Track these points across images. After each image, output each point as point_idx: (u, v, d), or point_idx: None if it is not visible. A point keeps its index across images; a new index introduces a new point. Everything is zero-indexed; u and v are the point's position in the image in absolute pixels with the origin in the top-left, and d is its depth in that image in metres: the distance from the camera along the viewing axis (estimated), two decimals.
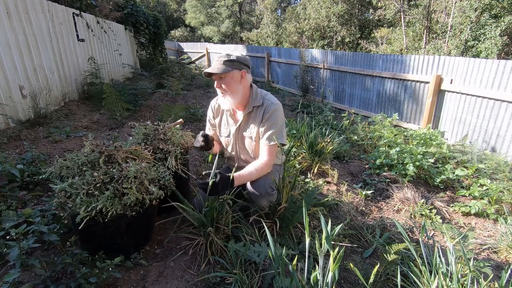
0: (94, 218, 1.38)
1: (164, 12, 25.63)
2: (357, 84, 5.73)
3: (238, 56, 1.68)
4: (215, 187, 1.49)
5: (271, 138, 1.69)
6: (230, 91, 1.66)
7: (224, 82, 1.65)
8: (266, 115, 1.71)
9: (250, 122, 1.77)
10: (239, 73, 1.67)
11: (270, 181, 1.76)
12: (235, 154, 1.93)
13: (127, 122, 4.21)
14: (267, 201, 1.75)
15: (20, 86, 3.68)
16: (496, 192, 2.50)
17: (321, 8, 15.41)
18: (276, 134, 1.70)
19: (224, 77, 1.65)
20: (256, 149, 1.82)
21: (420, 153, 3.10)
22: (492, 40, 8.72)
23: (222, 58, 1.65)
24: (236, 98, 1.69)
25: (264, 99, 1.75)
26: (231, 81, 1.66)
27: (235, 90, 1.67)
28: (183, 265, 1.63)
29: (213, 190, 1.49)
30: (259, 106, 1.74)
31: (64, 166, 1.56)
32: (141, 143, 1.91)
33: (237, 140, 1.87)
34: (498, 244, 2.04)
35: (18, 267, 1.27)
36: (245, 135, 1.81)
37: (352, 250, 1.93)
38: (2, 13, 3.43)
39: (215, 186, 1.48)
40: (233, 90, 1.66)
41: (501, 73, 3.29)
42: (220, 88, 1.67)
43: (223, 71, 1.61)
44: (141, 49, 9.61)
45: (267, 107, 1.72)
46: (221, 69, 1.61)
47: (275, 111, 1.71)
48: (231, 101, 1.69)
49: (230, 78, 1.65)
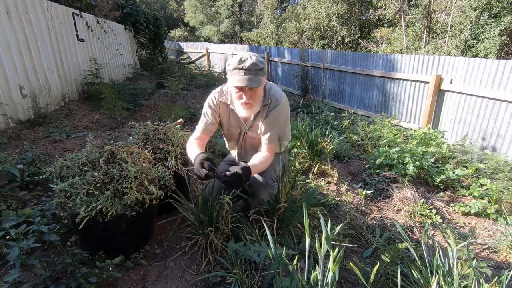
0: (94, 218, 1.38)
1: (163, 12, 25.63)
2: (357, 84, 5.73)
3: (260, 60, 1.49)
4: (239, 179, 1.40)
5: (271, 139, 1.65)
6: (256, 102, 1.53)
7: (255, 93, 1.50)
8: (270, 113, 1.62)
9: (258, 121, 1.68)
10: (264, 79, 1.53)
11: (272, 173, 1.74)
12: (241, 149, 1.88)
13: (127, 122, 4.21)
14: (267, 193, 1.73)
15: (20, 86, 3.68)
16: (496, 192, 2.50)
17: (321, 8, 15.41)
18: (278, 133, 1.65)
19: (256, 89, 1.49)
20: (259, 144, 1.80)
21: (420, 153, 3.10)
22: (491, 40, 8.72)
23: (253, 67, 1.43)
24: (259, 107, 1.58)
25: (270, 96, 1.63)
26: (260, 91, 1.53)
27: (260, 99, 1.56)
28: (183, 265, 1.63)
29: (238, 182, 1.42)
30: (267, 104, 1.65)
31: (64, 166, 1.56)
32: (141, 143, 1.91)
33: (245, 139, 1.80)
34: (498, 244, 2.04)
35: (18, 267, 1.26)
36: (250, 134, 1.76)
37: (352, 250, 1.93)
38: (2, 13, 3.42)
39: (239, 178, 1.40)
40: (258, 100, 1.54)
41: (501, 73, 3.29)
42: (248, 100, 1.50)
43: (258, 85, 1.43)
44: (141, 49, 9.60)
45: (271, 103, 1.62)
46: (258, 81, 1.43)
47: (278, 109, 1.61)
48: (254, 110, 1.58)
49: (260, 88, 1.52)
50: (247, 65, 1.42)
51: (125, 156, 1.60)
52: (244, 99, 1.49)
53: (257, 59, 1.45)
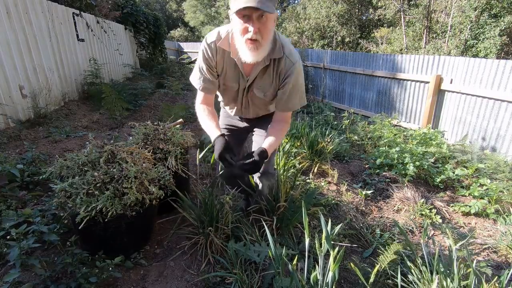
0: (94, 218, 1.38)
1: (163, 12, 25.63)
2: (357, 84, 5.73)
3: None
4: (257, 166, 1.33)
5: (293, 107, 1.46)
6: (266, 40, 1.22)
7: (265, 26, 1.18)
8: (287, 78, 1.38)
9: (266, 79, 1.41)
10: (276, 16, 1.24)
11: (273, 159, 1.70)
12: (241, 106, 1.62)
13: (127, 122, 4.21)
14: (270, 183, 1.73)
15: (20, 86, 3.68)
16: (496, 192, 2.50)
17: (321, 8, 15.41)
18: (298, 99, 1.46)
19: (266, 20, 1.17)
20: (268, 106, 1.60)
21: (420, 153, 3.10)
22: (491, 39, 8.72)
23: None
24: (267, 49, 1.28)
25: (284, 53, 1.35)
26: (271, 26, 1.21)
27: (269, 40, 1.25)
28: (183, 265, 1.63)
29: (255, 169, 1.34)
30: (278, 59, 1.36)
31: (64, 166, 1.56)
32: (141, 143, 1.91)
33: (245, 96, 1.53)
34: (498, 244, 2.04)
35: (18, 267, 1.26)
36: (257, 93, 1.48)
37: (352, 250, 1.93)
38: (2, 13, 3.42)
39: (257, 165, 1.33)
40: (269, 38, 1.23)
41: (501, 73, 3.29)
42: (256, 35, 1.17)
43: (270, 10, 1.12)
44: (141, 49, 9.61)
45: (287, 66, 1.36)
46: (271, 7, 1.13)
47: (295, 72, 1.37)
48: (261, 54, 1.25)
49: (271, 22, 1.21)
50: None
51: (125, 156, 1.60)
52: (250, 32, 1.16)
53: None
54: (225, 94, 1.59)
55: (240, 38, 1.22)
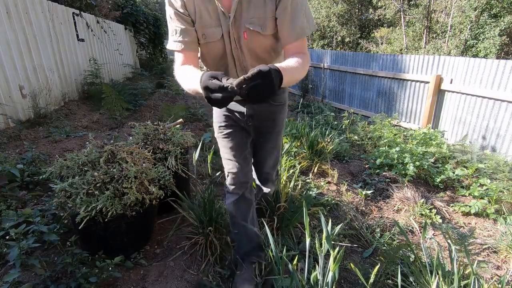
0: (94, 218, 1.38)
1: (163, 12, 25.61)
2: (357, 84, 5.73)
3: None
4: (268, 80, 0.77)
5: (302, 27, 1.03)
6: None
7: None
8: None
9: (254, 4, 1.03)
10: None
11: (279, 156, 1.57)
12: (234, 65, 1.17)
13: (127, 122, 4.21)
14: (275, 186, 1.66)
15: (20, 86, 3.67)
16: (496, 192, 2.50)
17: (321, 8, 15.41)
18: (305, 17, 1.04)
19: None
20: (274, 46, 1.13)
21: (420, 153, 3.10)
22: (491, 39, 8.73)
23: None
24: None
25: None
26: None
27: None
28: (183, 265, 1.63)
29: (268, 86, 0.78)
30: None
31: (64, 166, 1.56)
32: (141, 143, 1.91)
33: (236, 44, 1.09)
34: (498, 244, 2.04)
35: (18, 267, 1.26)
36: (252, 28, 1.05)
37: (352, 250, 1.93)
38: (2, 13, 3.42)
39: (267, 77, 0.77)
40: None
41: (501, 73, 3.29)
42: None
43: None
44: (141, 49, 9.62)
45: None
46: None
47: None
48: None
49: None
50: None
51: (125, 156, 1.60)
52: None
53: None
54: (209, 53, 1.16)
55: None
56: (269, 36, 1.08)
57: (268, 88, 0.77)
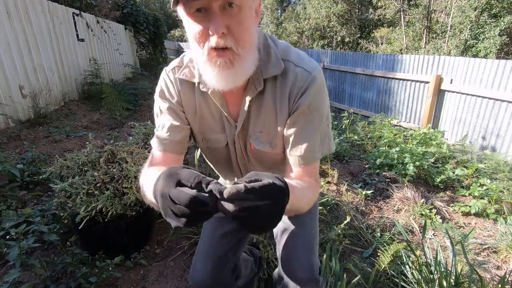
0: (94, 218, 1.38)
1: (163, 12, 25.65)
2: (357, 84, 5.73)
3: None
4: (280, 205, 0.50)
5: (313, 153, 0.81)
6: (245, 43, 0.66)
7: (238, 20, 0.63)
8: (302, 95, 0.78)
9: (266, 112, 0.81)
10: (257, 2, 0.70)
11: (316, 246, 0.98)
12: (242, 173, 0.96)
13: (127, 122, 4.21)
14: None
15: (20, 86, 3.68)
16: (496, 192, 2.50)
17: (321, 8, 15.41)
18: (318, 137, 0.82)
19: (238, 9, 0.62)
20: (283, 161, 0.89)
21: (420, 153, 3.10)
22: (491, 39, 8.73)
23: None
24: (253, 62, 0.71)
25: (287, 62, 0.77)
26: (249, 19, 0.66)
27: (253, 42, 0.70)
28: (183, 265, 1.63)
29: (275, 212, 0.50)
30: (281, 75, 0.78)
31: (64, 166, 1.56)
32: (141, 143, 1.91)
33: (243, 154, 0.91)
34: (498, 244, 2.04)
35: (18, 267, 1.26)
36: (257, 145, 0.85)
37: (352, 250, 1.93)
38: (2, 13, 3.42)
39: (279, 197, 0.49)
40: (250, 41, 0.68)
41: (501, 73, 3.29)
42: (224, 39, 0.62)
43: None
44: (141, 49, 9.61)
45: (300, 77, 0.77)
46: None
47: (316, 87, 0.79)
48: (243, 70, 0.69)
49: (249, 12, 0.66)
50: None
51: (125, 156, 1.60)
52: (213, 37, 0.62)
53: None
54: (211, 157, 0.99)
55: (198, 51, 0.67)
56: (280, 153, 0.87)
57: (275, 216, 0.50)
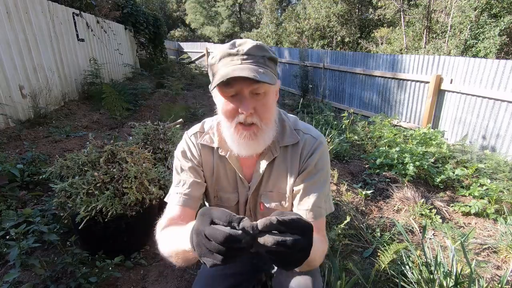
0: (94, 218, 1.38)
1: (163, 12, 25.67)
2: (357, 84, 5.73)
3: (267, 47, 0.80)
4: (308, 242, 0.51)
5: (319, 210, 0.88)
6: (268, 121, 0.80)
7: (264, 104, 0.77)
8: (311, 156, 0.89)
9: (278, 174, 0.91)
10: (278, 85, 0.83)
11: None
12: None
13: (127, 122, 4.21)
14: None
15: (20, 86, 3.68)
16: (496, 192, 2.50)
17: (321, 8, 15.41)
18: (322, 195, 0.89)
19: (265, 95, 0.77)
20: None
21: (420, 153, 3.10)
22: (491, 39, 8.73)
23: (257, 51, 0.75)
24: (272, 134, 0.84)
25: (297, 130, 0.92)
26: (272, 101, 0.81)
27: (273, 119, 0.84)
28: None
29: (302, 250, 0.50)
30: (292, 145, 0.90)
31: (64, 166, 1.56)
32: (141, 143, 1.91)
33: (251, 211, 0.98)
34: (498, 244, 2.04)
35: (18, 267, 1.27)
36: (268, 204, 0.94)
37: (352, 250, 1.93)
38: (2, 13, 3.43)
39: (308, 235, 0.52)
40: (271, 118, 0.82)
41: (501, 73, 3.29)
42: (252, 117, 0.76)
43: (270, 80, 0.72)
44: (141, 49, 9.62)
45: (308, 142, 0.90)
46: (270, 76, 0.73)
47: (322, 150, 0.90)
48: (263, 142, 0.82)
49: (273, 95, 0.81)
50: (245, 49, 0.74)
51: (125, 156, 1.60)
52: (242, 115, 0.75)
53: (262, 44, 0.77)
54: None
55: (227, 124, 0.80)
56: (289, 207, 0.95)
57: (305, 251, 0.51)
